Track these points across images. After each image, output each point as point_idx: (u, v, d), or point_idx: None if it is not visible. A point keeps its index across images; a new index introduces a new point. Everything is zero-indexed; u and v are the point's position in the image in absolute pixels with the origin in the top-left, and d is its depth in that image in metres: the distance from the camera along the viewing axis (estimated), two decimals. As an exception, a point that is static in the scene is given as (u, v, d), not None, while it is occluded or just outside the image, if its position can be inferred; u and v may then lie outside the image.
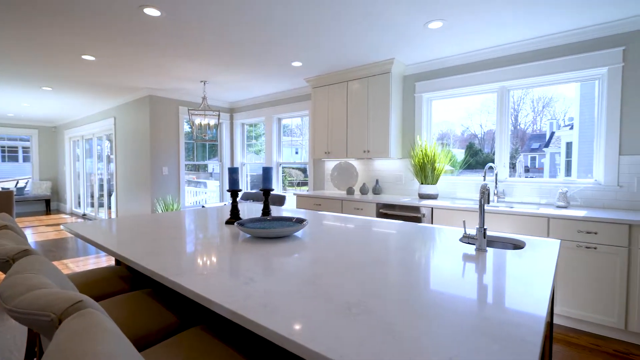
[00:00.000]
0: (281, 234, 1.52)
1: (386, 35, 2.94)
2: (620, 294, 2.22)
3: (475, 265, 1.20)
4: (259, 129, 6.08)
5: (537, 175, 3.70)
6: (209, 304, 0.87)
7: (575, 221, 2.36)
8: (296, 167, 5.71)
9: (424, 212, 3.09)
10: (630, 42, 2.61)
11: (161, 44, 3.14)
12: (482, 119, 3.59)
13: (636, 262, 2.17)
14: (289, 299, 0.86)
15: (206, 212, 2.45)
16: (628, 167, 2.63)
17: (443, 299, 0.88)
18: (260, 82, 4.55)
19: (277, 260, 1.22)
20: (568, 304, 2.41)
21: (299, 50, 3.32)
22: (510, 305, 0.85)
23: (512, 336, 0.70)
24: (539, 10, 2.45)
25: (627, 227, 2.19)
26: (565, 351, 2.15)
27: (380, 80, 3.68)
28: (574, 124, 3.17)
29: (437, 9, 2.43)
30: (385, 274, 1.07)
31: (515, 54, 3.12)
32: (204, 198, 6.68)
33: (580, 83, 2.98)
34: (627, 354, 2.12)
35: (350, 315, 0.77)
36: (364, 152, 3.84)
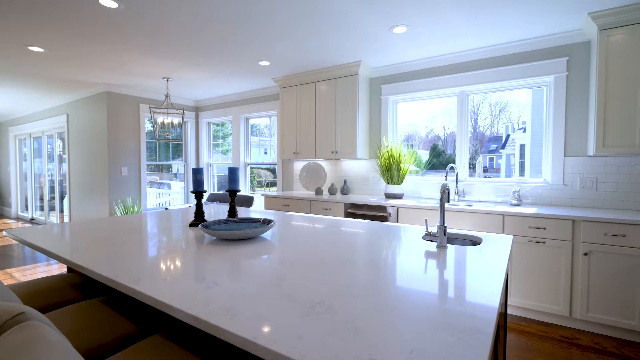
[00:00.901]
0: (247, 236, 1.50)
1: (353, 38, 2.99)
2: (566, 283, 2.41)
3: (436, 261, 1.25)
4: (227, 128, 5.94)
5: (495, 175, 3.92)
6: (169, 310, 0.84)
7: (527, 218, 2.53)
8: (265, 168, 5.64)
9: (390, 212, 3.18)
10: (573, 53, 2.85)
11: (119, 37, 2.97)
12: (445, 121, 3.76)
13: (579, 254, 2.37)
14: (253, 302, 0.85)
15: (170, 215, 2.36)
16: (571, 167, 2.87)
17: (405, 295, 0.91)
18: (227, 80, 4.45)
19: (242, 263, 1.20)
20: (521, 295, 2.58)
21: (266, 50, 3.29)
22: (467, 298, 0.90)
23: (468, 327, 0.73)
24: (490, 21, 2.60)
25: (571, 223, 2.38)
26: (518, 339, 2.31)
27: (347, 82, 3.73)
28: (527, 127, 3.41)
29: (401, 14, 2.51)
30: (351, 273, 1.09)
31: (473, 60, 3.30)
32: (168, 200, 6.41)
33: (532, 89, 3.21)
34: (571, 339, 2.31)
35: (313, 314, 0.78)
36: (332, 152, 3.87)
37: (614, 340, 2.28)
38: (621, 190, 2.68)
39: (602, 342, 2.27)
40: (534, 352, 2.15)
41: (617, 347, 2.21)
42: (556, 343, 2.26)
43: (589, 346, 2.21)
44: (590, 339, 2.31)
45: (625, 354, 2.12)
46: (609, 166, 2.72)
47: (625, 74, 2.40)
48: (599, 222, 2.29)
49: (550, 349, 2.18)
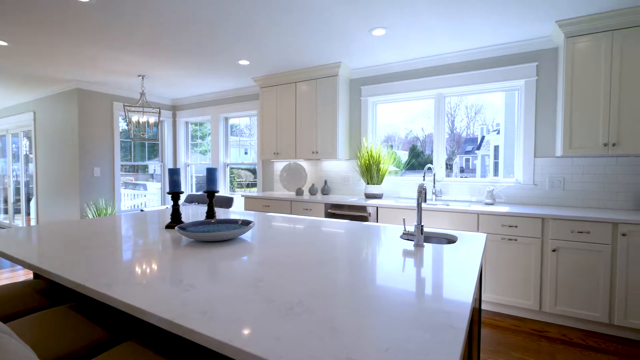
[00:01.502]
0: (225, 237, 1.47)
1: (333, 40, 3.00)
2: (536, 279, 2.52)
3: (413, 260, 1.27)
4: (205, 128, 5.82)
5: (471, 175, 4.04)
6: (143, 315, 0.81)
7: (500, 216, 2.63)
8: (245, 168, 5.57)
9: (370, 212, 3.22)
10: (542, 58, 2.98)
11: (91, 32, 2.85)
12: (424, 122, 3.84)
13: (547, 251, 2.48)
14: (230, 304, 0.84)
15: (145, 217, 2.29)
16: (541, 168, 3.00)
17: (383, 294, 0.92)
18: (206, 79, 4.37)
19: (220, 265, 1.18)
20: (495, 291, 2.67)
21: (246, 49, 3.25)
22: (442, 295, 0.92)
23: (442, 324, 0.75)
24: (465, 25, 2.69)
25: (541, 220, 2.50)
26: (492, 333, 2.39)
27: (328, 83, 3.75)
28: (500, 129, 3.54)
29: (380, 17, 2.55)
30: (330, 273, 1.10)
31: (450, 63, 3.39)
32: (144, 201, 6.22)
33: (505, 93, 3.34)
34: (541, 332, 2.41)
35: (292, 315, 0.78)
36: (312, 153, 3.87)
37: (580, 332, 2.40)
38: (586, 189, 2.83)
39: (569, 333, 2.38)
40: (507, 345, 2.23)
41: (583, 337, 2.33)
42: (527, 336, 2.35)
43: (557, 338, 2.32)
44: (558, 331, 2.42)
45: (590, 344, 2.24)
46: (575, 166, 2.87)
47: (589, 79, 2.54)
48: (566, 219, 2.41)
49: (522, 342, 2.27)
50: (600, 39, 2.49)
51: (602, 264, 2.32)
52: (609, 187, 2.75)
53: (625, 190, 2.70)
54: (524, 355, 2.11)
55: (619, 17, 2.41)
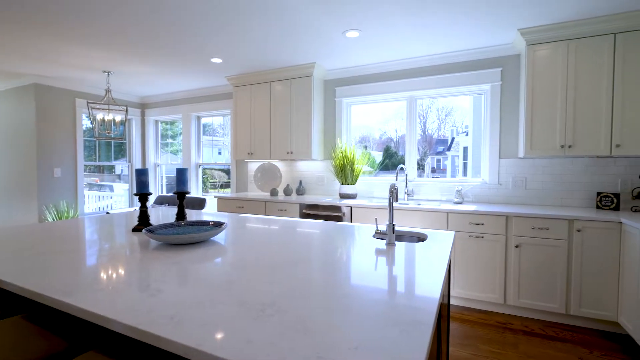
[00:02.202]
0: (195, 240, 1.44)
1: (307, 40, 3.00)
2: (500, 274, 2.65)
3: (385, 258, 1.30)
4: (176, 127, 5.64)
5: (442, 175, 4.17)
6: (105, 322, 0.78)
7: (467, 215, 2.74)
8: (219, 169, 5.45)
9: (344, 211, 3.25)
10: (506, 64, 3.14)
11: (50, 24, 2.69)
12: (397, 124, 3.93)
13: (511, 247, 2.62)
14: (200, 308, 0.82)
15: (111, 219, 2.18)
16: (505, 168, 3.16)
17: (356, 292, 0.93)
18: (177, 76, 4.23)
19: (190, 268, 1.15)
20: (463, 286, 2.78)
21: (218, 47, 3.19)
22: (412, 292, 0.95)
23: (411, 320, 0.78)
24: (435, 30, 2.78)
25: (505, 218, 2.63)
26: (460, 327, 2.48)
27: (302, 83, 3.75)
28: (469, 131, 3.68)
29: (353, 19, 2.58)
30: (304, 273, 1.10)
31: (421, 67, 3.49)
32: (110, 203, 5.93)
33: (473, 96, 3.48)
34: (505, 324, 2.54)
35: (263, 317, 0.77)
36: (287, 153, 3.86)
37: (540, 322, 2.55)
38: (546, 188, 3.01)
39: (531, 324, 2.53)
40: (474, 338, 2.33)
41: (543, 328, 2.47)
42: (493, 329, 2.47)
43: (520, 329, 2.46)
44: (521, 322, 2.56)
45: (549, 334, 2.38)
46: (536, 167, 3.04)
47: (547, 85, 2.70)
48: (527, 217, 2.55)
49: (488, 335, 2.38)
50: (558, 48, 2.66)
51: (560, 258, 2.47)
52: (565, 186, 2.94)
53: (580, 189, 2.90)
54: (490, 347, 2.21)
55: (573, 28, 2.59)
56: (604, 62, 2.53)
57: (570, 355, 2.12)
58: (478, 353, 2.15)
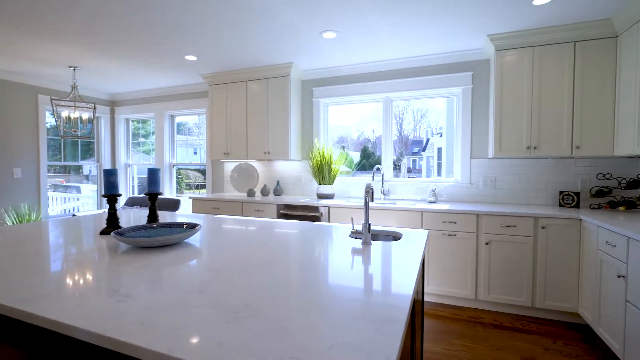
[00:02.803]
0: (167, 242, 1.39)
1: (284, 40, 2.99)
2: (472, 270, 2.75)
3: (361, 257, 1.32)
4: (149, 126, 5.46)
5: (417, 175, 4.27)
6: (69, 331, 0.74)
7: (441, 214, 2.82)
8: (194, 169, 5.32)
9: (322, 211, 3.26)
10: (476, 68, 3.27)
11: (7, 15, 2.52)
12: (374, 124, 3.99)
13: (482, 244, 2.72)
14: (172, 312, 0.80)
15: (78, 222, 2.08)
16: (476, 168, 3.28)
17: (332, 291, 0.94)
18: (149, 73, 4.09)
19: (162, 271, 1.11)
20: (437, 283, 2.87)
21: (193, 44, 3.11)
22: (387, 290, 0.96)
23: (386, 317, 0.79)
24: (410, 33, 2.85)
25: (475, 217, 2.73)
26: (434, 323, 2.56)
27: (279, 83, 3.72)
28: (443, 132, 3.79)
29: (330, 20, 2.60)
30: (280, 274, 1.09)
31: (397, 69, 3.56)
32: (77, 205, 5.65)
33: (446, 98, 3.59)
34: (476, 318, 2.64)
35: (237, 319, 0.76)
36: (264, 153, 3.82)
37: (509, 316, 2.67)
38: (513, 187, 3.15)
39: (500, 318, 2.64)
40: (448, 333, 2.41)
41: (511, 321, 2.59)
42: (465, 323, 2.56)
43: (490, 323, 2.56)
44: (491, 316, 2.67)
45: (517, 327, 2.50)
46: (504, 167, 3.18)
47: (515, 89, 2.83)
48: (496, 215, 2.66)
49: (460, 329, 2.46)
50: (524, 54, 2.79)
51: (526, 254, 2.60)
52: (531, 185, 3.10)
53: (544, 188, 3.06)
54: (462, 342, 2.29)
55: (537, 36, 2.73)
56: (565, 68, 2.69)
57: (536, 346, 2.23)
58: (451, 347, 2.22)
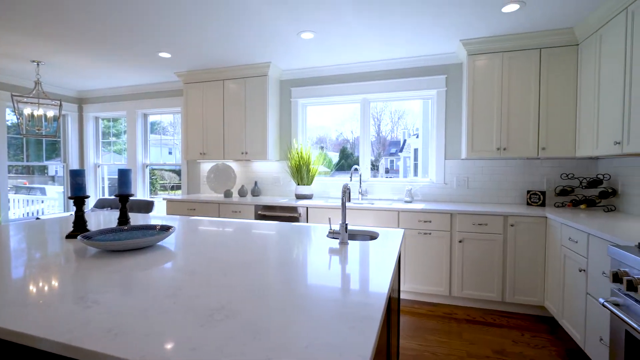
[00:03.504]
0: (139, 245, 1.35)
1: (262, 39, 2.97)
2: (446, 267, 2.84)
3: (338, 257, 1.33)
4: (120, 124, 5.25)
5: (395, 175, 4.35)
6: (30, 341, 0.70)
7: (417, 213, 2.89)
8: (169, 169, 5.17)
9: (300, 212, 3.26)
10: (450, 71, 3.37)
11: (-37, 5, 2.36)
12: (353, 125, 4.03)
13: (455, 242, 2.81)
14: (143, 318, 0.77)
15: (42, 225, 1.97)
16: (450, 168, 3.39)
17: (309, 291, 0.94)
18: (120, 70, 3.94)
19: (133, 276, 1.08)
20: (413, 281, 2.93)
21: (167, 41, 3.02)
22: (362, 288, 0.98)
23: (361, 316, 0.80)
24: (387, 35, 2.90)
25: (449, 216, 2.82)
26: (410, 320, 2.62)
27: (257, 83, 3.69)
28: (419, 134, 3.88)
29: (308, 21, 2.60)
30: (257, 275, 1.08)
31: (374, 71, 3.62)
32: (41, 208, 5.35)
33: (422, 100, 3.68)
34: (451, 314, 2.72)
35: (212, 322, 0.75)
36: (242, 153, 3.77)
37: (481, 311, 2.78)
38: (485, 187, 3.28)
39: (472, 313, 2.74)
40: (423, 330, 2.47)
41: (483, 316, 2.69)
42: (440, 319, 2.63)
43: (463, 318, 2.65)
44: (464, 312, 2.76)
45: (488, 321, 2.60)
46: (476, 167, 3.30)
47: (486, 93, 2.95)
48: (469, 214, 2.76)
49: (435, 325, 2.53)
50: (494, 59, 2.91)
51: (497, 251, 2.71)
52: (502, 185, 3.23)
53: (513, 188, 3.20)
54: (437, 337, 2.36)
55: (506, 42, 2.85)
56: (531, 73, 2.83)
57: (506, 339, 2.33)
58: (426, 343, 2.28)
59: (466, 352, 2.18)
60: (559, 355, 2.14)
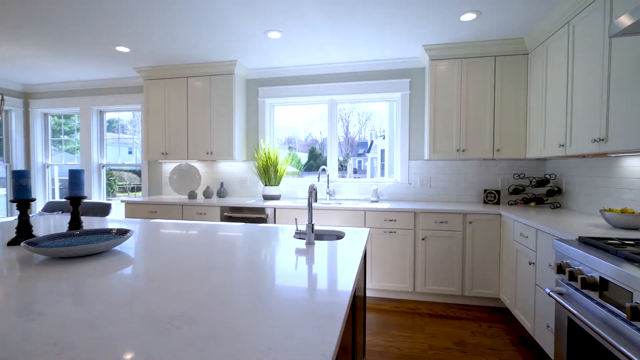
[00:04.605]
0: (93, 251, 1.27)
1: (228, 37, 2.90)
2: (410, 264, 2.94)
3: (305, 257, 1.33)
4: (73, 122, 4.90)
5: (363, 175, 4.42)
6: (-38, 360, 0.63)
7: (382, 212, 2.97)
8: (129, 170, 4.90)
9: (268, 213, 3.22)
10: (413, 75, 3.50)
11: None
12: (322, 126, 4.04)
13: (419, 239, 2.92)
14: (94, 328, 0.73)
15: (-24, 232, 1.78)
16: (414, 169, 3.51)
17: (275, 293, 0.93)
18: (73, 63, 3.68)
19: (85, 284, 1.01)
20: (379, 279, 3.01)
21: (124, 34, 2.86)
22: (327, 288, 0.99)
23: (325, 315, 0.81)
24: (352, 38, 2.95)
25: (413, 214, 2.92)
26: (376, 317, 2.68)
27: (223, 81, 3.60)
28: (386, 135, 3.98)
29: (274, 20, 2.58)
30: (220, 279, 1.06)
31: (341, 72, 3.66)
32: (-20, 212, 4.86)
33: (388, 103, 3.78)
34: (414, 309, 2.82)
35: (170, 329, 0.72)
36: (207, 153, 3.66)
37: (442, 305, 2.90)
38: (446, 186, 3.43)
39: (434, 307, 2.85)
40: (388, 326, 2.54)
41: (444, 309, 2.82)
42: (404, 315, 2.72)
43: (426, 313, 2.76)
44: (427, 306, 2.87)
45: (449, 314, 2.73)
46: (438, 168, 3.45)
47: (446, 97, 3.09)
48: (431, 212, 2.87)
49: (400, 321, 2.61)
50: (454, 65, 3.06)
51: (456, 247, 2.85)
52: (461, 184, 3.40)
53: (472, 187, 3.38)
54: (402, 332, 2.44)
55: (465, 49, 3.01)
56: (487, 79, 3.00)
57: (465, 331, 2.46)
58: (391, 339, 2.34)
59: (428, 345, 2.27)
60: (512, 343, 2.29)
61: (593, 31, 2.02)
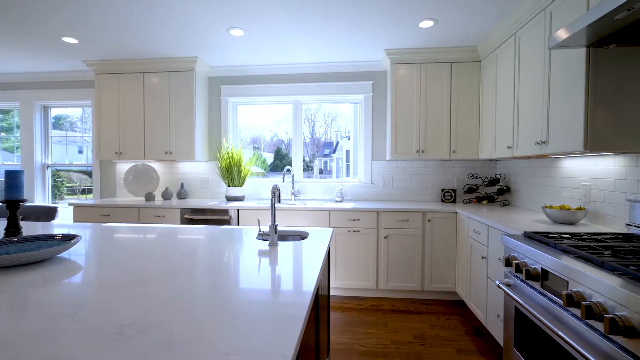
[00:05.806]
0: (32, 259, 1.16)
1: (188, 32, 2.79)
2: (373, 262, 3.01)
3: (268, 259, 1.32)
4: (12, 118, 4.45)
5: (328, 176, 4.46)
6: None
7: (346, 212, 3.02)
8: (79, 170, 4.54)
9: (231, 214, 3.15)
10: (376, 78, 3.59)
11: None
12: (288, 126, 4.02)
13: (381, 238, 3.01)
14: (33, 343, 0.67)
15: None
16: (377, 169, 3.61)
17: (236, 296, 0.91)
18: (12, 53, 3.34)
19: (24, 295, 0.92)
20: (344, 278, 3.05)
21: (72, 24, 2.66)
22: (290, 288, 0.98)
23: (287, 315, 0.81)
24: (317, 38, 2.97)
25: (376, 214, 3.00)
26: (340, 315, 2.72)
27: (183, 78, 3.46)
28: (351, 136, 4.04)
29: (237, 17, 2.53)
30: (178, 284, 1.01)
31: (306, 73, 3.67)
32: None
33: (352, 104, 3.85)
34: (377, 306, 2.90)
35: (121, 339, 0.68)
36: (166, 153, 3.50)
37: (404, 301, 3.01)
38: (407, 186, 3.57)
39: (397, 303, 2.95)
40: (352, 323, 2.58)
41: (405, 305, 2.92)
42: (368, 312, 2.78)
43: (389, 309, 2.84)
44: (389, 303, 2.97)
45: (410, 309, 2.84)
46: (399, 168, 3.57)
47: (407, 100, 3.21)
48: (393, 211, 2.97)
49: (364, 318, 2.67)
50: (413, 69, 3.19)
51: (417, 245, 2.97)
52: (421, 184, 3.55)
53: (431, 187, 3.54)
54: (365, 329, 2.49)
55: (424, 54, 3.14)
56: (444, 84, 3.16)
57: (425, 324, 2.57)
58: (355, 336, 2.39)
59: (390, 340, 2.34)
60: (467, 333, 2.43)
61: (536, 43, 2.20)
